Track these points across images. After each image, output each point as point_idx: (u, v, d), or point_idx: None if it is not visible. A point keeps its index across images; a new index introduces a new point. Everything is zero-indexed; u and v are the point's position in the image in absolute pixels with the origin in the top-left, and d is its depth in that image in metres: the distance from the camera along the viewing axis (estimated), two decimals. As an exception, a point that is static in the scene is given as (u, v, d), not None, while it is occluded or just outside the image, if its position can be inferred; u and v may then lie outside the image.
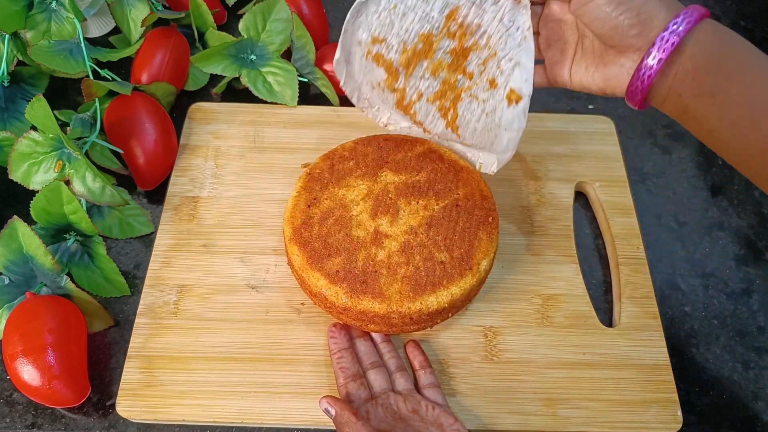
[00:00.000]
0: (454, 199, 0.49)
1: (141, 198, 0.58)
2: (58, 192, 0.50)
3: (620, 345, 0.50)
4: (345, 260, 0.46)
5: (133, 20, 0.62)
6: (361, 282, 0.45)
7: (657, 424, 0.47)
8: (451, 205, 0.48)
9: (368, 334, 0.49)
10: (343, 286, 0.45)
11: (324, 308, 0.48)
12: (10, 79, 0.58)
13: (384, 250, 0.46)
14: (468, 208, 0.48)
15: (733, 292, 0.55)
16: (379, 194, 0.49)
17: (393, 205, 0.48)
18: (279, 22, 0.63)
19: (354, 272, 0.45)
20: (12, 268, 0.49)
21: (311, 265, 0.46)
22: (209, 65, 0.63)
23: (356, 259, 0.46)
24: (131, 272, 0.54)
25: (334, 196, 0.49)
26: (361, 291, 0.45)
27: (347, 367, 0.46)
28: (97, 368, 0.49)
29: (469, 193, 0.49)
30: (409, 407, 0.44)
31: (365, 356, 0.48)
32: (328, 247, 0.47)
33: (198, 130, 0.61)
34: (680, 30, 0.38)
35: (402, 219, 0.48)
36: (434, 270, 0.46)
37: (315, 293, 0.47)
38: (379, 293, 0.45)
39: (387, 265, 0.46)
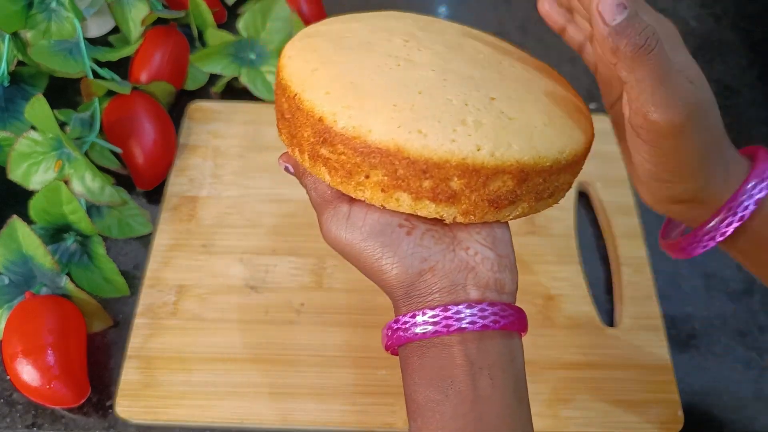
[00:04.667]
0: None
1: (140, 198, 0.58)
2: (58, 192, 0.50)
3: (622, 345, 0.50)
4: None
5: (132, 20, 0.62)
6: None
7: (658, 425, 0.47)
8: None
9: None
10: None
11: (341, 170, 0.30)
12: (10, 79, 0.58)
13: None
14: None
15: (735, 293, 0.55)
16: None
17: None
18: (279, 21, 0.63)
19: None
20: (11, 268, 0.49)
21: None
22: (209, 64, 0.62)
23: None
24: (130, 272, 0.54)
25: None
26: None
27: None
28: (96, 368, 0.49)
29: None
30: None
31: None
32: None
33: (197, 130, 0.61)
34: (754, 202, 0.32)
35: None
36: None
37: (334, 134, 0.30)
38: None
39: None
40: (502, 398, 0.29)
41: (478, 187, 0.29)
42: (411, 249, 0.29)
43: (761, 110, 0.66)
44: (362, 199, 0.30)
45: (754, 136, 0.65)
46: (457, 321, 0.29)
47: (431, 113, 0.28)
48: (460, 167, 0.28)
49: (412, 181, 0.29)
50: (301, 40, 0.34)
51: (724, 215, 0.31)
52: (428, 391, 0.29)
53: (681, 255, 0.34)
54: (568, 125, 0.31)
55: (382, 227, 0.30)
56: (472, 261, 0.30)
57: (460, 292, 0.29)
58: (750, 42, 0.72)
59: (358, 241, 0.30)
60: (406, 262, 0.29)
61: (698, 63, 0.32)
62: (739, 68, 0.69)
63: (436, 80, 0.30)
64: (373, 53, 0.31)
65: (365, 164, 0.29)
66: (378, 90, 0.29)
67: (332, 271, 0.53)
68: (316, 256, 0.54)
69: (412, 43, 0.32)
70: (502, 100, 0.30)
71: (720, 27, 0.73)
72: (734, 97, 0.67)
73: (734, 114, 0.66)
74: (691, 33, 0.72)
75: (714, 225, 0.32)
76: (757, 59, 0.70)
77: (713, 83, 0.67)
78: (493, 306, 0.29)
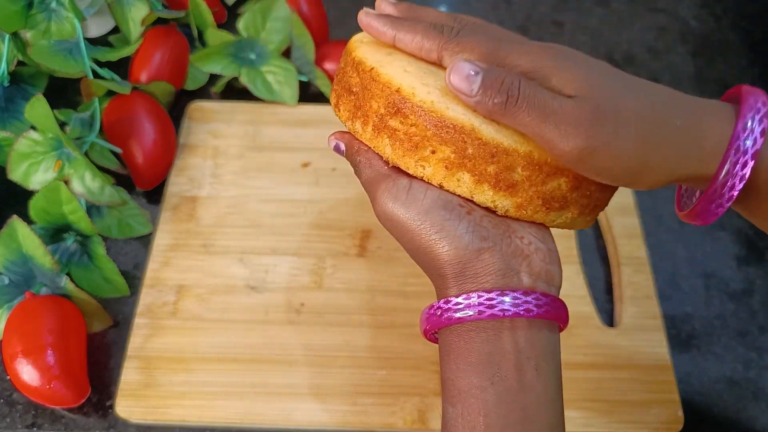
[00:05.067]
0: None
1: (140, 198, 0.58)
2: (58, 192, 0.50)
3: (622, 345, 0.50)
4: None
5: (132, 19, 0.62)
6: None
7: (658, 425, 0.47)
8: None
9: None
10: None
11: (407, 141, 0.30)
12: (10, 79, 0.58)
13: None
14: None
15: (734, 293, 0.55)
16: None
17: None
18: (278, 21, 0.63)
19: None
20: (11, 268, 0.49)
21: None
22: (208, 64, 0.62)
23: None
24: (130, 272, 0.54)
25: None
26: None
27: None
28: (96, 368, 0.49)
29: None
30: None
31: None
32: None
33: (197, 130, 0.61)
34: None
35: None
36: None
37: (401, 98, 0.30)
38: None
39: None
40: (546, 390, 0.29)
41: (537, 182, 0.30)
42: (472, 227, 0.29)
43: (761, 110, 0.66)
44: (421, 176, 0.30)
45: (754, 136, 0.64)
46: (513, 306, 0.28)
47: None
48: (526, 158, 0.29)
49: (479, 163, 0.29)
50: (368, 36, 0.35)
51: (734, 157, 0.28)
52: (472, 377, 0.29)
53: (705, 219, 0.31)
54: None
55: (444, 202, 0.29)
56: (527, 249, 0.30)
57: (513, 277, 0.29)
58: (750, 42, 0.72)
59: (418, 214, 0.29)
60: (467, 239, 0.29)
61: (698, 63, 0.31)
62: (739, 68, 0.69)
63: None
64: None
65: (435, 138, 0.29)
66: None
67: (332, 271, 0.53)
68: (316, 256, 0.54)
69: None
70: None
71: (720, 27, 0.73)
72: (734, 96, 0.67)
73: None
74: (691, 33, 0.72)
75: (727, 172, 0.29)
76: (757, 59, 0.70)
77: (713, 83, 0.67)
78: (546, 297, 0.29)
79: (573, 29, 0.72)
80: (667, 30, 0.72)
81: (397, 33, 0.31)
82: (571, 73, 0.29)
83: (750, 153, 0.28)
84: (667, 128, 0.29)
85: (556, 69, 0.29)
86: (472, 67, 0.28)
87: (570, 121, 0.27)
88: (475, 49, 0.30)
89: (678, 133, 0.29)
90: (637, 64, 0.69)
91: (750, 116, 0.28)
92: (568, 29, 0.72)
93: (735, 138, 0.28)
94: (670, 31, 0.72)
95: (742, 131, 0.28)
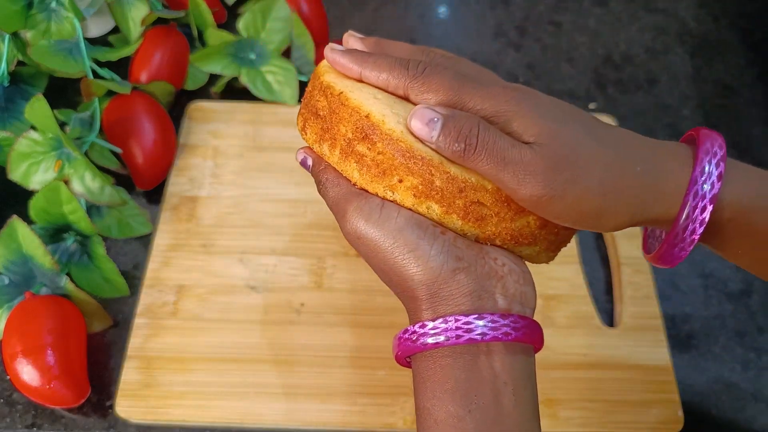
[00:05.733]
0: None
1: (140, 198, 0.58)
2: (57, 192, 0.50)
3: (621, 345, 0.50)
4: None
5: (132, 19, 0.62)
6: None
7: (658, 425, 0.47)
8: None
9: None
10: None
11: (374, 168, 0.30)
12: (10, 79, 0.58)
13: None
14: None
15: (733, 293, 0.55)
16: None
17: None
18: (278, 21, 0.63)
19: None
20: (11, 268, 0.49)
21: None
22: (208, 64, 0.62)
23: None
24: (130, 272, 0.54)
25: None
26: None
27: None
28: (96, 368, 0.49)
29: None
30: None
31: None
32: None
33: (197, 130, 0.61)
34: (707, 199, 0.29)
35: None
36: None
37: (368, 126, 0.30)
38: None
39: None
40: (523, 415, 0.28)
41: (506, 219, 0.29)
42: (446, 247, 0.29)
43: (761, 110, 0.66)
44: (390, 200, 0.30)
45: (754, 136, 0.65)
46: (492, 330, 0.28)
47: None
48: (494, 195, 0.29)
49: (447, 195, 0.29)
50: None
51: (693, 202, 0.29)
52: (449, 405, 0.28)
53: (670, 262, 0.32)
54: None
55: (417, 222, 0.29)
56: (501, 271, 0.30)
57: (488, 299, 0.29)
58: (749, 42, 0.72)
59: (391, 233, 0.28)
60: (440, 259, 0.28)
61: (697, 63, 0.31)
62: (738, 68, 0.69)
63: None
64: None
65: (403, 168, 0.29)
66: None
67: (332, 271, 0.53)
68: (316, 256, 0.54)
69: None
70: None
71: (719, 27, 0.73)
72: (734, 97, 0.67)
73: (734, 114, 0.66)
74: (690, 33, 0.72)
75: (687, 216, 0.29)
76: (756, 59, 0.70)
77: (713, 83, 0.67)
78: (523, 319, 0.29)
79: (571, 29, 0.72)
80: (666, 30, 0.72)
81: (363, 70, 0.31)
82: (531, 119, 0.29)
83: (708, 197, 0.29)
84: (627, 174, 0.29)
85: (517, 114, 0.29)
86: (432, 115, 0.28)
87: (527, 170, 0.28)
88: (440, 90, 0.30)
89: (638, 179, 0.29)
90: (635, 64, 0.69)
91: (707, 160, 0.29)
92: (566, 29, 0.72)
93: (693, 183, 0.29)
94: (669, 31, 0.72)
95: (700, 175, 0.29)
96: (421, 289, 0.29)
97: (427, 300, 0.29)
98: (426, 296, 0.29)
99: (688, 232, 0.29)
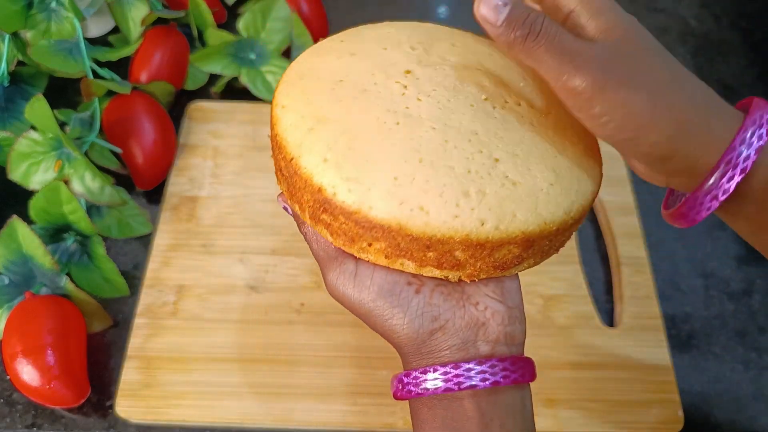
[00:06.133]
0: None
1: (140, 198, 0.58)
2: (57, 192, 0.50)
3: (622, 345, 0.50)
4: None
5: (132, 19, 0.62)
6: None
7: (658, 425, 0.47)
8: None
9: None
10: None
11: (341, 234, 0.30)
12: (10, 79, 0.58)
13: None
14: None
15: (734, 292, 0.55)
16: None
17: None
18: (278, 21, 0.63)
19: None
20: (11, 268, 0.49)
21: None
22: (208, 64, 0.62)
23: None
24: (130, 272, 0.54)
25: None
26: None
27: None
28: (96, 368, 0.49)
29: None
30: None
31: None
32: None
33: (197, 130, 0.61)
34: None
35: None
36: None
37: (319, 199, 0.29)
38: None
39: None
40: None
41: (483, 256, 0.29)
42: (421, 309, 0.29)
43: (761, 110, 0.66)
44: (366, 260, 0.30)
45: (754, 136, 0.65)
46: (467, 378, 0.28)
47: (433, 186, 0.27)
48: (464, 242, 0.28)
49: (416, 252, 0.28)
50: (294, 85, 0.32)
51: (724, 169, 0.28)
52: None
53: (684, 222, 0.31)
54: (576, 177, 0.30)
55: (390, 286, 0.29)
56: (482, 317, 0.30)
57: (470, 348, 0.29)
58: (750, 42, 0.72)
59: (367, 301, 0.30)
60: (417, 323, 0.29)
61: (698, 62, 0.31)
62: (739, 68, 0.69)
63: (437, 142, 0.28)
64: (370, 106, 0.30)
65: (367, 235, 0.28)
66: (378, 158, 0.28)
67: (332, 271, 0.53)
68: (316, 256, 0.54)
69: (411, 90, 0.30)
70: (507, 161, 0.29)
71: (720, 26, 0.73)
72: (734, 96, 0.67)
73: (734, 114, 0.66)
74: (691, 33, 0.72)
75: (714, 182, 0.29)
76: (757, 59, 0.70)
77: (713, 83, 0.67)
78: (503, 362, 0.29)
79: (573, 29, 0.72)
80: (667, 30, 0.72)
81: None
82: (603, 16, 0.29)
83: (740, 167, 0.28)
84: (683, 97, 0.29)
85: (590, 11, 0.30)
86: (500, 0, 0.28)
87: (585, 58, 0.28)
88: None
89: (691, 108, 0.29)
90: (637, 64, 0.69)
91: (751, 130, 0.28)
92: (568, 29, 0.72)
93: (730, 150, 0.28)
94: (670, 31, 0.72)
95: (739, 144, 0.28)
96: (404, 347, 0.30)
97: (412, 354, 0.30)
98: (409, 351, 0.30)
99: (710, 196, 0.29)
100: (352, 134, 0.29)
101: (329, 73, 0.31)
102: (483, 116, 0.30)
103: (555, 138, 0.31)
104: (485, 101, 0.31)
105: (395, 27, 0.34)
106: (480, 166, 0.28)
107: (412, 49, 0.32)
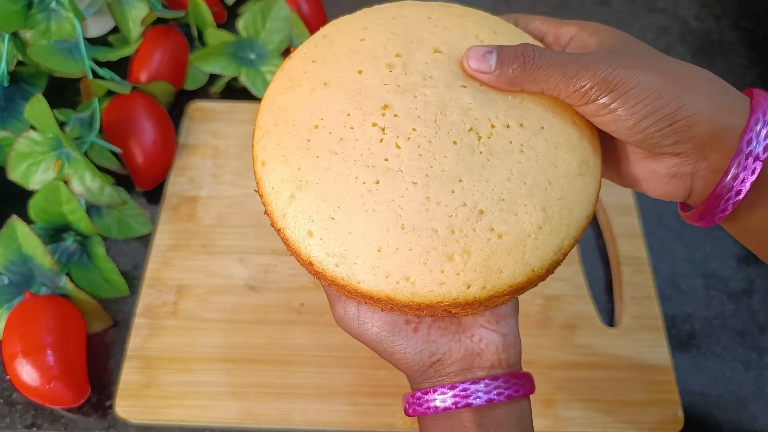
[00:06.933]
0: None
1: (140, 198, 0.58)
2: (57, 192, 0.50)
3: (622, 345, 0.50)
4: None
5: (132, 19, 0.62)
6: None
7: (658, 425, 0.47)
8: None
9: None
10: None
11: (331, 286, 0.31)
12: (10, 79, 0.58)
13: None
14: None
15: (734, 292, 0.55)
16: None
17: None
18: (278, 21, 0.63)
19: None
20: (11, 268, 0.49)
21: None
22: (208, 64, 0.62)
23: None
24: (130, 272, 0.54)
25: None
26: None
27: None
28: (96, 368, 0.49)
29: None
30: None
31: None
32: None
33: (197, 130, 0.61)
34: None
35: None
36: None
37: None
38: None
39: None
40: None
41: (474, 308, 0.30)
42: (420, 345, 0.32)
43: (761, 110, 0.66)
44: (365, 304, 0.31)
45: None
46: (463, 398, 0.31)
47: (417, 255, 0.27)
48: (453, 304, 0.28)
49: (409, 312, 0.30)
50: (270, 135, 0.30)
51: (736, 170, 0.28)
52: None
53: (704, 222, 0.30)
54: (567, 209, 0.29)
55: (390, 327, 0.32)
56: (477, 348, 0.32)
57: (467, 374, 0.32)
58: (750, 42, 0.72)
59: (371, 339, 0.32)
60: (416, 357, 0.32)
61: (698, 63, 0.32)
62: (739, 68, 0.69)
63: (419, 201, 0.28)
64: (348, 162, 0.28)
65: (362, 298, 0.30)
66: (360, 229, 0.28)
67: (332, 271, 0.53)
68: (316, 256, 0.54)
69: (389, 133, 0.29)
70: (492, 211, 0.28)
71: (720, 26, 0.73)
72: (734, 96, 0.67)
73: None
74: (691, 33, 0.72)
75: (729, 181, 0.28)
76: (757, 59, 0.70)
77: (713, 83, 0.67)
78: (495, 380, 0.31)
79: (573, 29, 0.72)
80: (667, 30, 0.72)
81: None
82: (601, 34, 0.32)
83: (764, 144, 0.28)
84: (692, 70, 0.29)
85: (583, 28, 0.32)
86: (484, 49, 0.30)
87: (588, 59, 0.29)
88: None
89: (703, 77, 0.29)
90: (637, 64, 0.69)
91: (762, 118, 0.28)
92: (568, 29, 0.72)
93: (748, 130, 0.28)
94: (670, 30, 0.72)
95: (755, 124, 0.28)
96: (408, 372, 0.33)
97: (415, 378, 0.33)
98: (413, 376, 0.33)
99: (738, 180, 0.28)
100: (332, 202, 0.28)
101: (303, 116, 0.30)
102: (467, 155, 0.28)
103: (546, 159, 0.29)
104: (469, 132, 0.29)
105: (371, 24, 0.33)
106: (464, 222, 0.28)
107: (389, 69, 0.31)
